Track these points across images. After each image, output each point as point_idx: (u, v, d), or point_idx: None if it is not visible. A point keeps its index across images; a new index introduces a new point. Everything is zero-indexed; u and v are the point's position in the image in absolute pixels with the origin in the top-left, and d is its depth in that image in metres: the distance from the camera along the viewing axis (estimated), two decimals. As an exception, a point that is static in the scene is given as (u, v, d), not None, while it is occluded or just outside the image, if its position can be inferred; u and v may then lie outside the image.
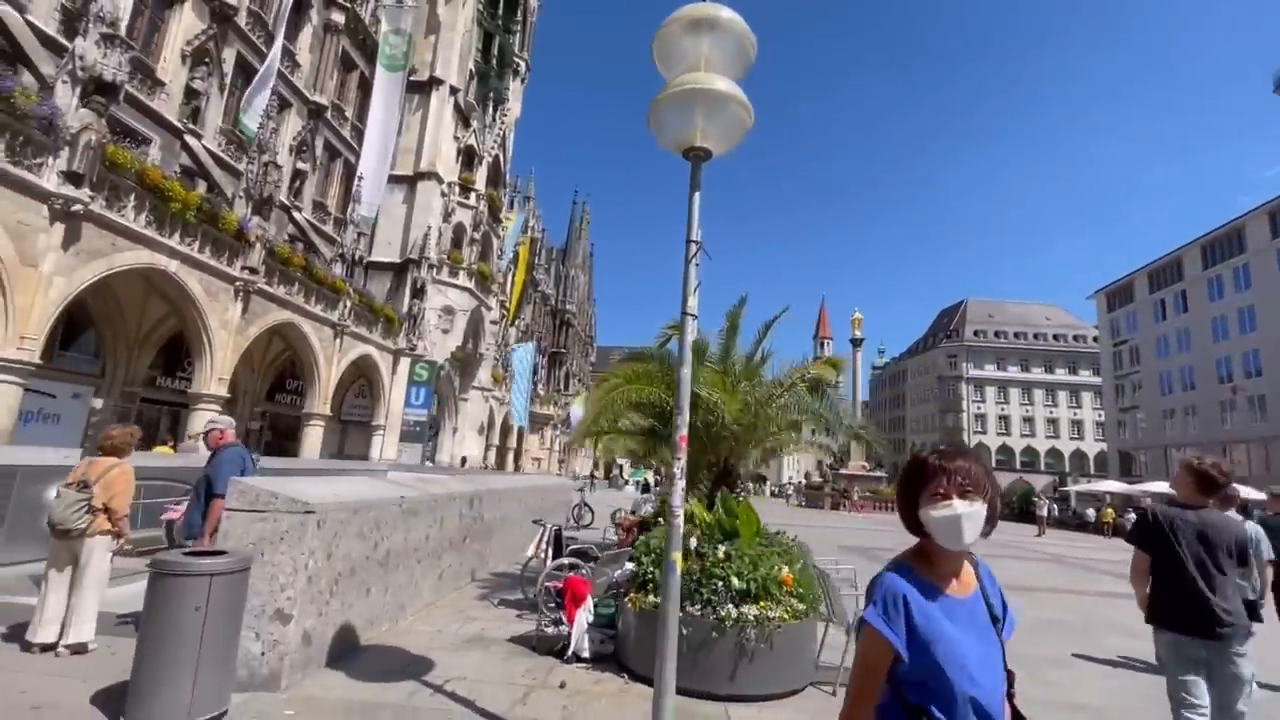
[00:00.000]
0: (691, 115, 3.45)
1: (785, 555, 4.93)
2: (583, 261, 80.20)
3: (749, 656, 4.24)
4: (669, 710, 2.97)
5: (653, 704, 3.03)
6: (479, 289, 31.82)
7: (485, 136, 32.60)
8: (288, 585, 3.92)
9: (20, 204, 10.93)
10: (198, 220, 14.70)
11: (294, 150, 22.26)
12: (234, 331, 16.31)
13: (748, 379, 6.80)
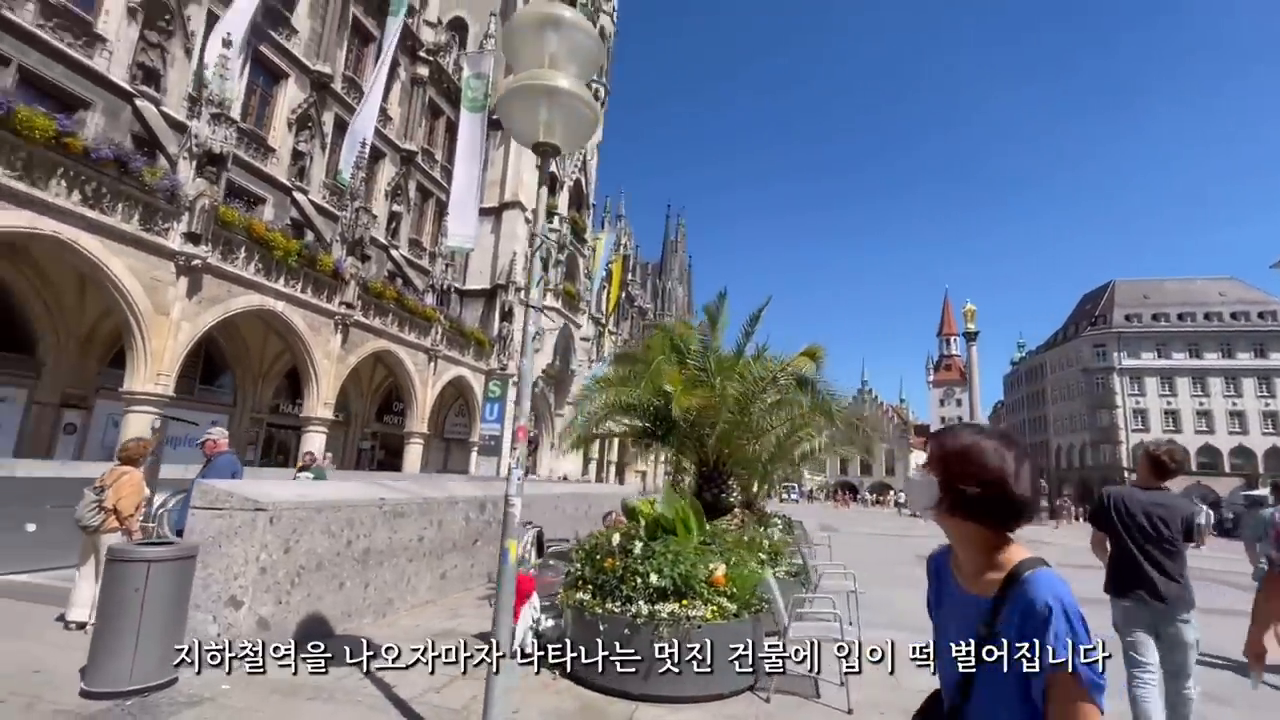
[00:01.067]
0: (537, 111, 3.54)
1: (727, 555, 4.74)
2: (680, 274, 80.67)
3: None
4: (499, 689, 3.02)
5: (485, 685, 3.09)
6: (566, 308, 33.10)
7: (566, 162, 34.02)
8: (240, 575, 4.42)
9: (152, 263, 13.08)
10: (299, 264, 16.73)
11: (389, 194, 24.65)
12: (335, 360, 18.27)
13: (724, 376, 6.59)
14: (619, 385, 6.85)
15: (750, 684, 4.43)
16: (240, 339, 18.07)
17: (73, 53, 13.83)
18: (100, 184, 12.07)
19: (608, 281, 52.27)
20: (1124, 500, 3.80)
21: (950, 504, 1.31)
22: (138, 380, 13.02)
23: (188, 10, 16.29)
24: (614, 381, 7.08)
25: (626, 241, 57.87)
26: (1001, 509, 1.27)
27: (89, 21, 14.25)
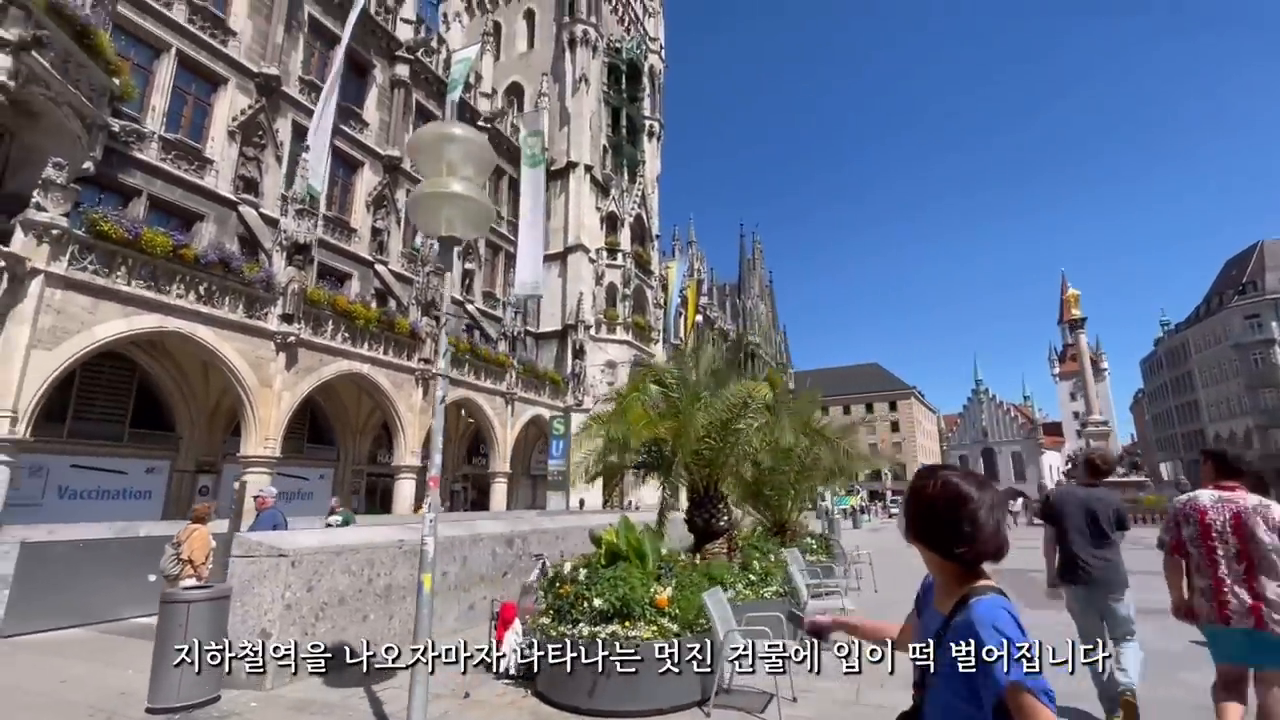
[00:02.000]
0: (440, 211, 4.27)
1: (679, 579, 5.09)
2: (760, 291, 79.83)
3: (607, 674, 4.55)
4: (418, 700, 3.61)
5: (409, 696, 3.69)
6: (638, 340, 34.03)
7: (625, 200, 35.38)
8: (269, 610, 5.35)
9: (256, 344, 15.27)
10: (379, 329, 18.72)
11: (461, 255, 26.80)
12: (419, 412, 20.06)
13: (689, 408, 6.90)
14: (608, 423, 7.35)
15: (698, 699, 4.72)
16: (338, 400, 20.35)
17: (188, 176, 16.65)
18: (210, 283, 14.38)
19: (684, 307, 52.93)
20: (1067, 498, 4.53)
21: (914, 533, 1.57)
22: (250, 445, 15.14)
23: (276, 125, 19.04)
24: (605, 420, 7.59)
25: (699, 266, 58.46)
26: (950, 547, 1.47)
27: (199, 149, 17.11)
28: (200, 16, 17.47)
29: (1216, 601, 3.49)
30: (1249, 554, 3.44)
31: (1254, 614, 3.37)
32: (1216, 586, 3.50)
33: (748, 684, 5.04)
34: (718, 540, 7.07)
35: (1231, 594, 3.46)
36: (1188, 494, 3.88)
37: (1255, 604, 3.38)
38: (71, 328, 11.93)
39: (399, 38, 24.11)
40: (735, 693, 4.87)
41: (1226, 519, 3.54)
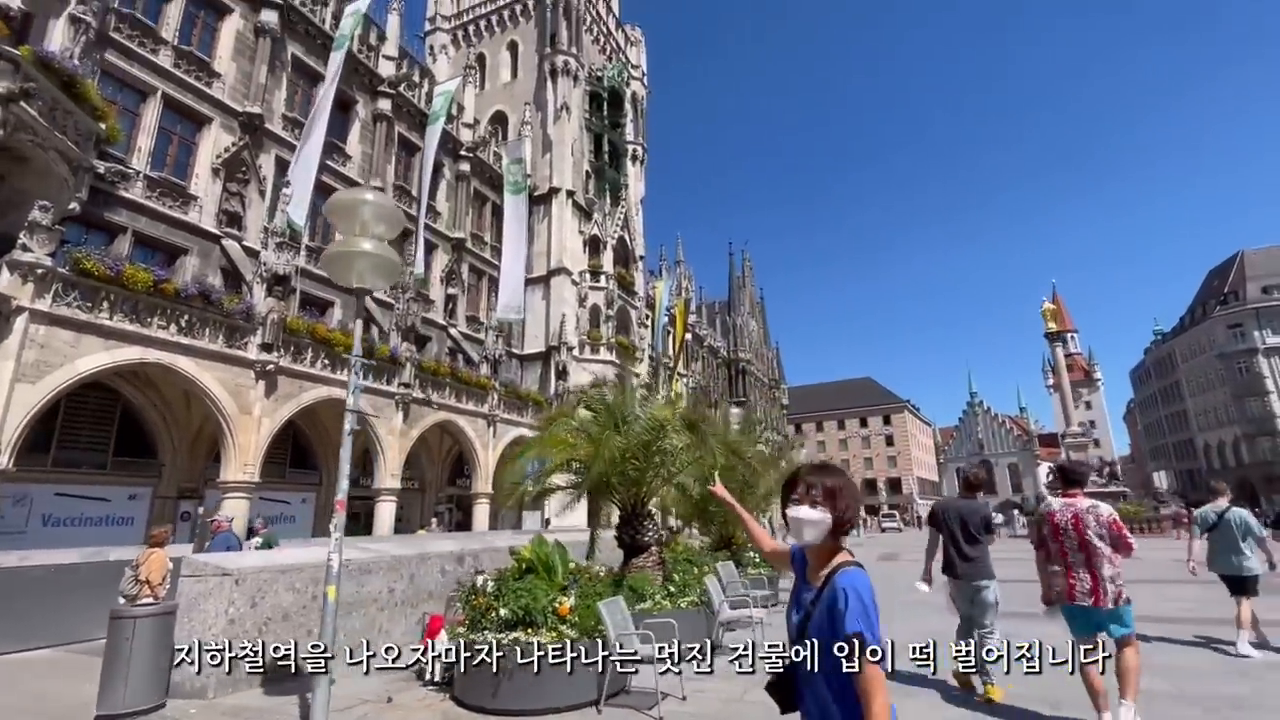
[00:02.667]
0: (352, 266, 4.87)
1: (581, 589, 5.61)
2: (751, 308, 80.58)
3: (509, 676, 5.05)
4: (319, 700, 4.12)
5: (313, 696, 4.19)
6: (621, 359, 34.60)
7: (607, 224, 36.20)
8: (213, 625, 5.85)
9: (235, 373, 15.83)
10: (359, 356, 19.27)
11: (444, 279, 27.53)
12: (399, 435, 20.57)
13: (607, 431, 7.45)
14: (533, 446, 7.89)
15: (593, 699, 5.21)
16: (320, 425, 20.85)
17: (172, 213, 17.34)
18: (191, 315, 14.99)
19: (672, 326, 53.62)
20: (947, 508, 5.71)
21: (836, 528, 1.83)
22: (230, 471, 15.63)
23: (259, 161, 19.80)
24: (531, 444, 8.12)
25: (687, 284, 59.28)
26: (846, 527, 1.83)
27: (183, 186, 17.83)
28: (185, 60, 18.30)
29: (1066, 584, 4.38)
30: (1086, 546, 4.33)
31: (1094, 593, 4.27)
32: (1066, 573, 4.40)
33: (646, 685, 5.53)
34: (643, 555, 7.58)
35: (1076, 578, 4.34)
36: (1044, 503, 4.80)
37: (1094, 584, 4.27)
38: (54, 361, 12.50)
39: (381, 74, 25.01)
40: (632, 693, 5.36)
41: (1069, 519, 4.41)
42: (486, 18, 39.34)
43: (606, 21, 41.88)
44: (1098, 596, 4.24)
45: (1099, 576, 4.26)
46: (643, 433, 7.34)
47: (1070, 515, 4.43)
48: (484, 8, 39.48)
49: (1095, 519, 4.35)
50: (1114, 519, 4.36)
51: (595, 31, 40.16)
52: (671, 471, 7.69)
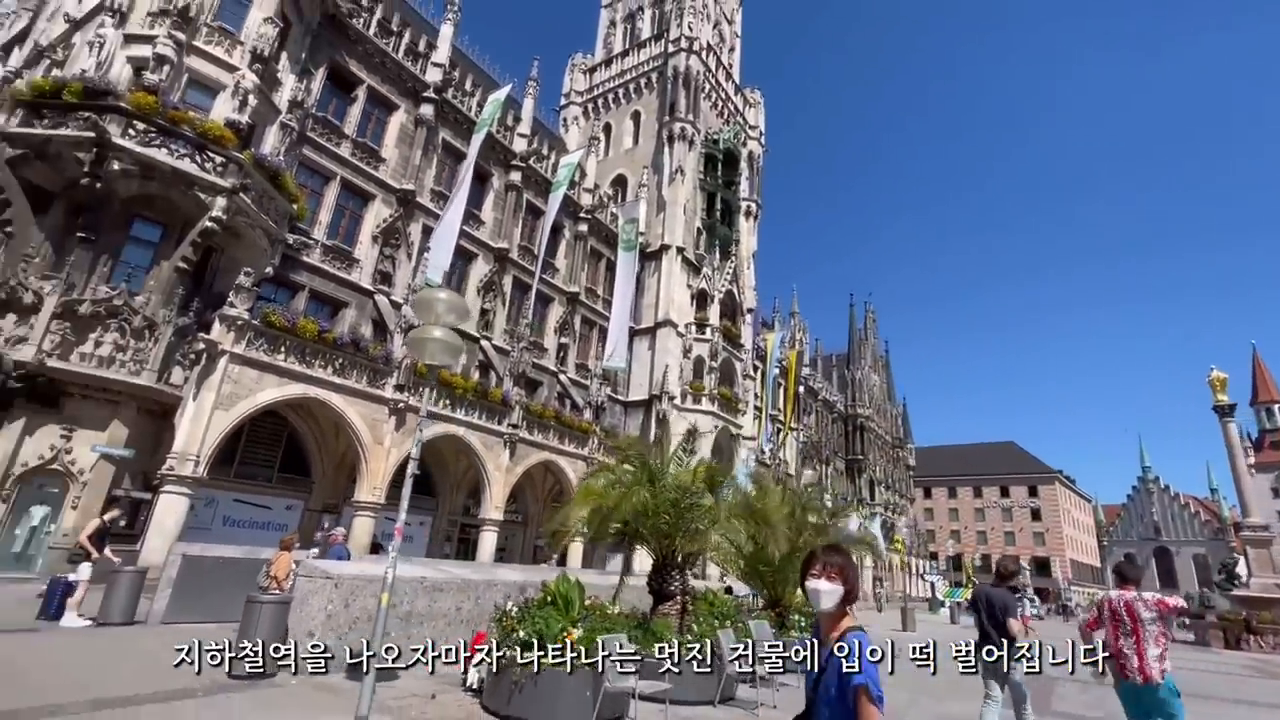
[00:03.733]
0: (424, 350, 6.40)
1: (593, 624, 6.54)
2: (874, 362, 77.26)
3: (519, 688, 6.08)
4: (366, 700, 5.41)
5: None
6: (724, 410, 35.15)
7: (716, 278, 37.43)
8: (315, 617, 7.48)
9: (373, 409, 18.71)
10: (475, 398, 21.80)
11: (558, 329, 30.08)
12: (505, 471, 22.70)
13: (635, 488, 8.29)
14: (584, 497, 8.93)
15: (589, 716, 6.06)
16: (440, 457, 23.57)
17: (340, 274, 21.10)
18: (344, 359, 18.10)
19: (783, 378, 53.19)
20: (981, 594, 6.48)
21: (846, 599, 2.26)
22: (362, 492, 18.36)
23: (409, 229, 23.48)
24: (587, 493, 9.17)
25: (801, 336, 58.57)
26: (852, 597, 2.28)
27: (349, 251, 21.65)
28: (360, 150, 22.44)
29: (1118, 664, 5.14)
30: (1137, 630, 5.10)
31: (1141, 670, 5.00)
32: (1117, 653, 5.15)
33: (648, 714, 6.28)
34: (668, 602, 8.28)
35: (1126, 658, 5.09)
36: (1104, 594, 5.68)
37: (1140, 662, 5.02)
38: (242, 394, 15.77)
39: (514, 150, 28.54)
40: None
41: (1123, 605, 5.23)
42: (614, 90, 43.10)
43: (725, 87, 44.09)
44: (1145, 673, 4.97)
45: (1145, 654, 4.99)
46: (670, 490, 8.20)
47: (1124, 602, 5.25)
48: (611, 82, 43.32)
49: (1144, 604, 5.15)
50: (1159, 599, 5.21)
51: (714, 98, 42.43)
52: (700, 529, 8.43)
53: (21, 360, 13.47)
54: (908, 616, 22.48)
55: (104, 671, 7.13)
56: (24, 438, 13.84)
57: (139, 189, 15.42)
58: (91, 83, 15.14)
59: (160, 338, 15.39)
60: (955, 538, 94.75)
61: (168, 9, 16.90)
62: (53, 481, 14.16)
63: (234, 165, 16.16)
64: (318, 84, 21.20)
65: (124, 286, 15.17)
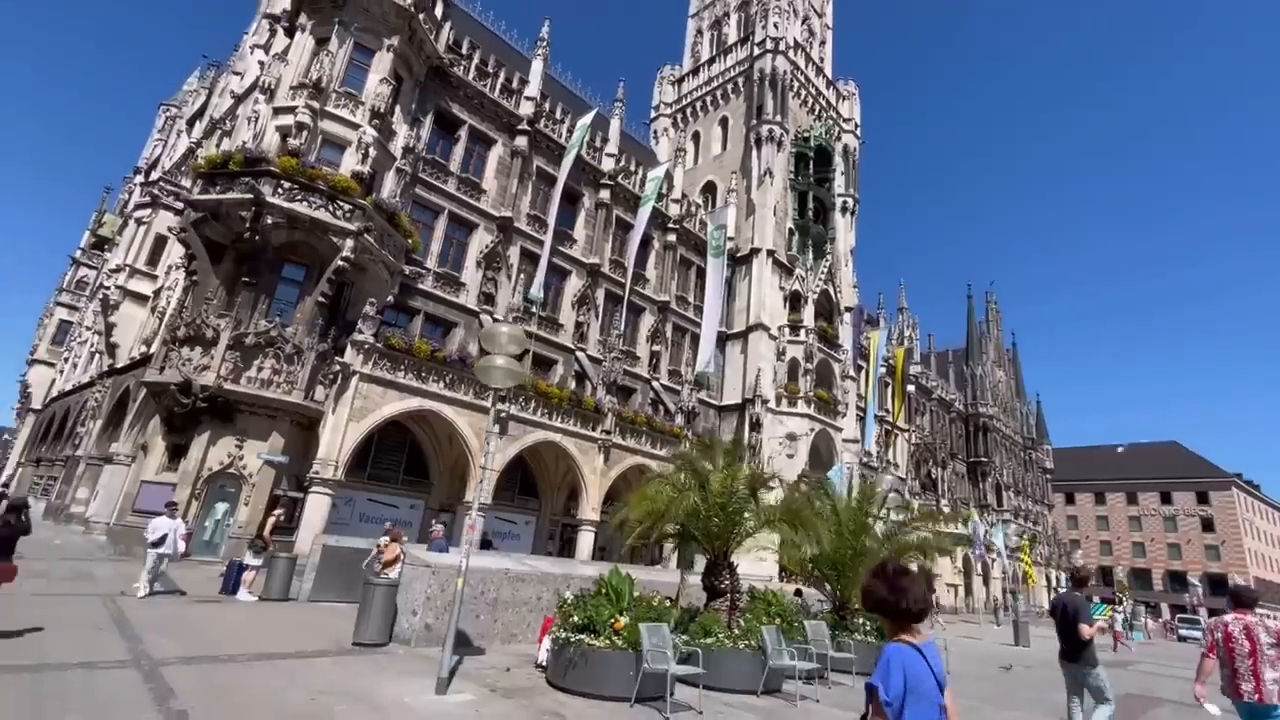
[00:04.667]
0: (490, 376, 7.60)
1: (639, 614, 7.39)
2: (997, 357, 71.49)
3: (572, 664, 7.06)
4: (445, 663, 6.61)
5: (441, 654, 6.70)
6: (821, 413, 34.59)
7: (810, 278, 36.90)
8: (417, 599, 8.94)
9: (480, 418, 20.75)
10: (570, 406, 23.39)
11: (649, 338, 31.23)
12: (600, 475, 24.10)
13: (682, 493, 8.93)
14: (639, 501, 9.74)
15: (628, 695, 6.90)
16: (541, 462, 25.44)
17: (449, 297, 23.55)
18: (452, 374, 20.27)
19: (890, 377, 51.02)
20: (1058, 601, 6.86)
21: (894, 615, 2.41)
22: (469, 493, 20.43)
23: (509, 252, 25.62)
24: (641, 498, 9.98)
25: (910, 333, 55.81)
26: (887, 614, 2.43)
27: (457, 276, 24.07)
28: (464, 184, 24.87)
29: (1233, 685, 5.33)
30: (1255, 653, 5.32)
31: (1257, 691, 5.18)
32: (1233, 675, 5.34)
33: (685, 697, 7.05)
34: (719, 599, 8.89)
35: (1243, 679, 5.27)
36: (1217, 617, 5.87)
37: (1258, 684, 5.18)
38: (370, 407, 18.25)
39: (603, 169, 30.08)
40: (665, 700, 6.90)
41: (1241, 630, 5.45)
42: (701, 99, 43.73)
43: (815, 83, 43.24)
44: (1260, 694, 5.15)
45: (1262, 677, 5.15)
46: (717, 495, 8.83)
47: (1242, 625, 5.41)
48: (699, 90, 43.99)
49: (1265, 629, 5.30)
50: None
51: (803, 95, 41.80)
52: (748, 530, 8.99)
53: (205, 384, 16.61)
54: (1020, 630, 21.13)
55: (264, 633, 9.01)
56: (209, 447, 17.03)
57: (287, 238, 18.38)
58: (249, 153, 18.31)
59: (306, 362, 18.20)
60: (1105, 549, 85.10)
61: (305, 82, 19.95)
62: (231, 483, 17.27)
63: (359, 211, 18.76)
64: (426, 129, 23.83)
65: (278, 320, 18.14)
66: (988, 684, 11.49)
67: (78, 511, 24.61)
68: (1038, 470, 75.34)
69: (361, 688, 6.55)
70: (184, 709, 5.20)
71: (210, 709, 5.32)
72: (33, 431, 40.72)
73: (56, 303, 44.08)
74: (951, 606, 45.53)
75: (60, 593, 10.35)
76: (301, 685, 6.42)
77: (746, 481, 9.30)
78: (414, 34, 22.29)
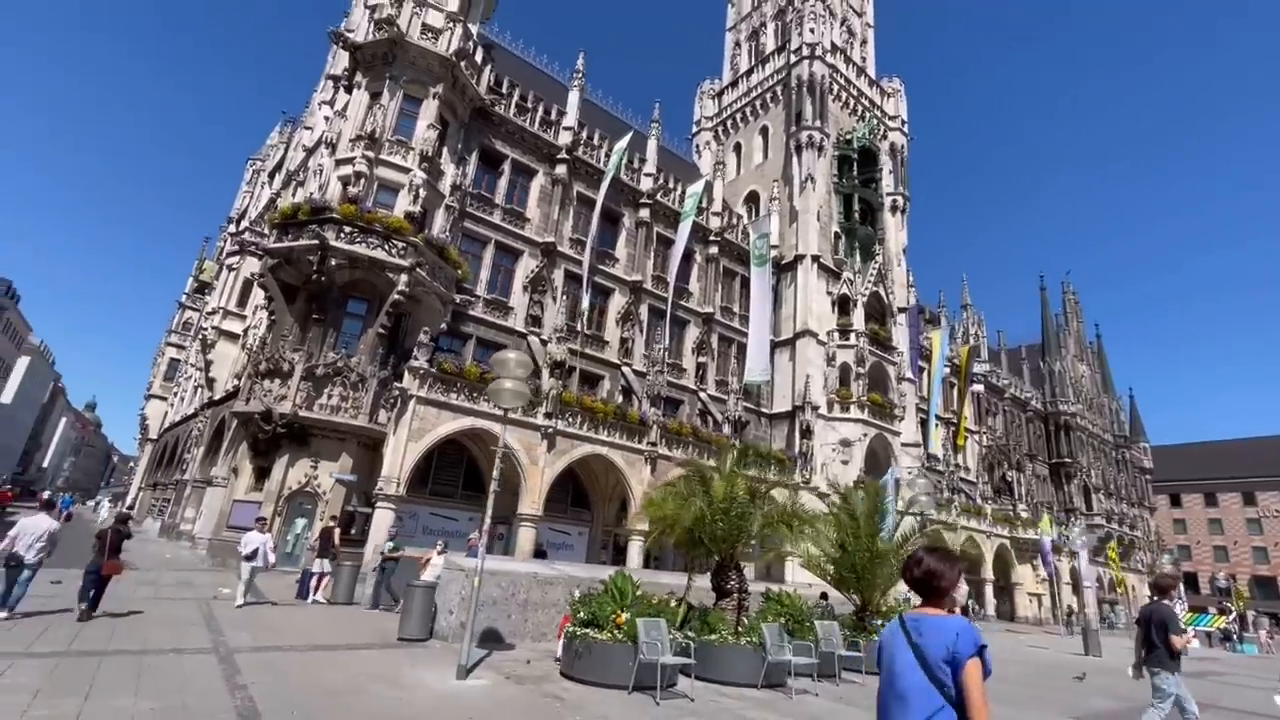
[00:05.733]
0: (500, 397, 8.54)
1: (639, 610, 8.06)
2: (1079, 351, 67.24)
3: (579, 655, 7.81)
4: (465, 653, 7.52)
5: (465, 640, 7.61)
6: (876, 417, 33.99)
7: (858, 281, 36.43)
8: (453, 599, 9.95)
9: (528, 434, 21.98)
10: (615, 420, 24.29)
11: (695, 349, 31.79)
12: (647, 485, 24.79)
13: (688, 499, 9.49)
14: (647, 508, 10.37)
15: (627, 683, 7.57)
16: (591, 474, 26.43)
17: (498, 321, 25.06)
18: (502, 394, 21.59)
19: (955, 377, 49.23)
20: (1145, 611, 7.01)
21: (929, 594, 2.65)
22: (523, 506, 21.63)
23: (553, 275, 26.95)
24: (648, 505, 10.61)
25: (976, 330, 53.67)
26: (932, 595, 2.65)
27: (505, 301, 25.58)
28: (509, 215, 26.45)
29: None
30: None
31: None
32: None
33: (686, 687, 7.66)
34: (726, 599, 9.37)
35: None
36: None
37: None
38: (426, 428, 19.78)
39: (641, 189, 31.08)
40: (661, 689, 7.53)
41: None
42: (741, 110, 44.17)
43: (857, 84, 42.83)
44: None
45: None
46: (721, 501, 9.36)
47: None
48: (739, 102, 44.45)
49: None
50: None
51: (843, 97, 41.49)
52: (750, 534, 9.47)
53: (284, 412, 18.58)
54: (1090, 639, 20.09)
55: (324, 630, 10.27)
56: (289, 469, 18.98)
57: (349, 276, 20.30)
58: (315, 202, 20.42)
59: (369, 388, 19.97)
60: (1221, 554, 77.66)
61: (361, 134, 22.00)
62: (308, 500, 19.14)
63: (411, 247, 20.47)
64: (472, 166, 25.58)
65: (344, 351, 20.02)
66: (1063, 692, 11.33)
67: (186, 529, 27.63)
68: (1133, 470, 69.94)
69: (394, 672, 7.55)
70: (245, 683, 6.32)
71: (265, 684, 6.41)
72: (150, 459, 45.63)
73: (167, 343, 49.37)
74: (1035, 617, 43.03)
75: (165, 596, 12.07)
76: (343, 669, 7.49)
77: (747, 487, 9.79)
78: (456, 80, 24.09)
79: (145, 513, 40.64)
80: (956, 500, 40.36)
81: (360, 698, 6.31)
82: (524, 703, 6.80)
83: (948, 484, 41.63)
